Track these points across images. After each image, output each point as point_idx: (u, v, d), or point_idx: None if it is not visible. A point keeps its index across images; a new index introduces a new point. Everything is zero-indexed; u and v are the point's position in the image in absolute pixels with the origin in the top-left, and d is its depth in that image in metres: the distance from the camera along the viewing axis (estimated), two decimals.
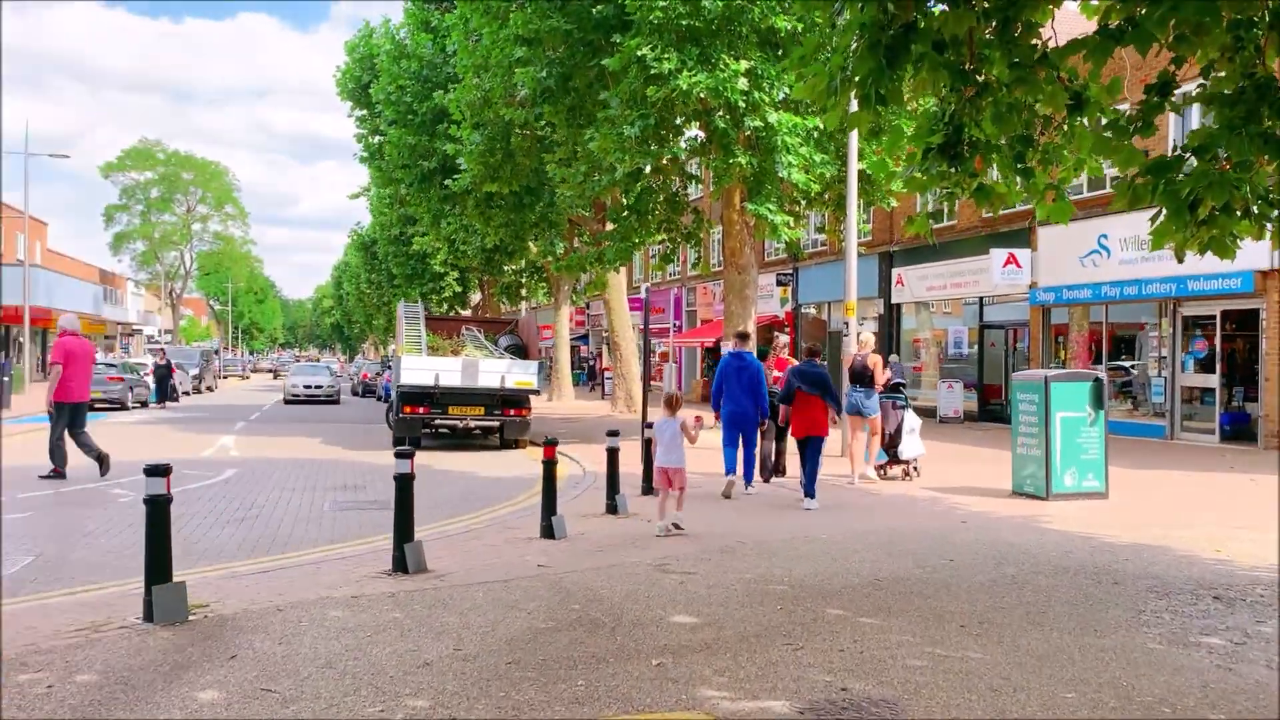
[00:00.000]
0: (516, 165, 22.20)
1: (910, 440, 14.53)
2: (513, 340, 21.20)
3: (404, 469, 7.53)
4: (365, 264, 64.80)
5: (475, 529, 9.73)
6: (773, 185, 19.18)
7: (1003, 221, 26.05)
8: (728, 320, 21.71)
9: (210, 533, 9.78)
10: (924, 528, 10.20)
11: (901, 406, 14.56)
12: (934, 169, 8.48)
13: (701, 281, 43.65)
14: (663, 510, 9.68)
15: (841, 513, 11.25)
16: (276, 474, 14.77)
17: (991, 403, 27.29)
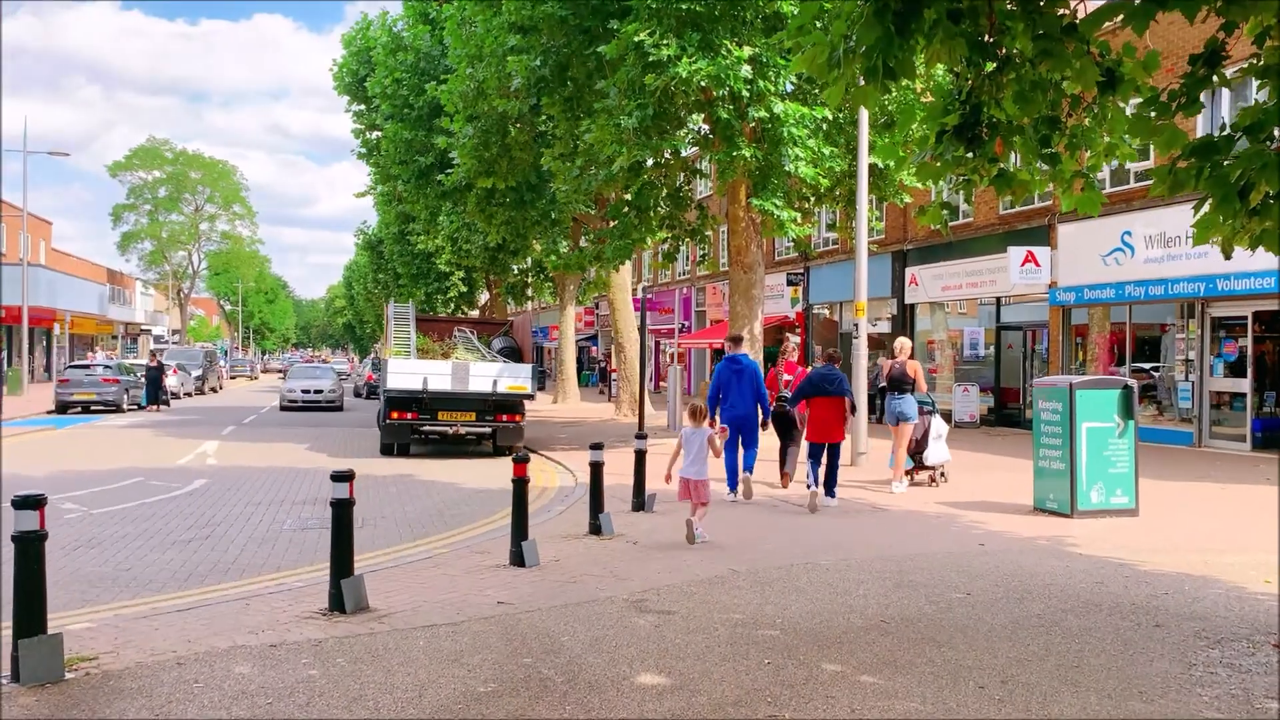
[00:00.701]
0: (513, 160, 21.29)
1: (936, 446, 14.13)
2: (506, 342, 20.29)
3: (341, 494, 6.62)
4: (372, 264, 64.01)
5: (439, 554, 8.82)
6: (779, 180, 18.22)
7: (1020, 219, 25.03)
8: (733, 321, 20.76)
9: (149, 557, 8.90)
10: (938, 551, 9.24)
11: (929, 411, 14.17)
12: (949, 154, 7.54)
13: (710, 281, 42.68)
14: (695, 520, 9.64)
15: (849, 533, 10.29)
16: (248, 485, 13.90)
17: (1008, 407, 26.24)
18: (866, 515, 11.54)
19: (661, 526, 10.44)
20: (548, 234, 29.22)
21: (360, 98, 30.11)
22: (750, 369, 12.75)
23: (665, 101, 17.11)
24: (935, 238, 28.33)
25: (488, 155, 20.75)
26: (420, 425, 17.94)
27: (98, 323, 67.89)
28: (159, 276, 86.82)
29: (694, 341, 40.93)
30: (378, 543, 9.74)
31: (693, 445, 9.62)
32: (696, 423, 9.74)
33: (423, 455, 18.62)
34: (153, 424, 25.80)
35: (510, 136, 20.53)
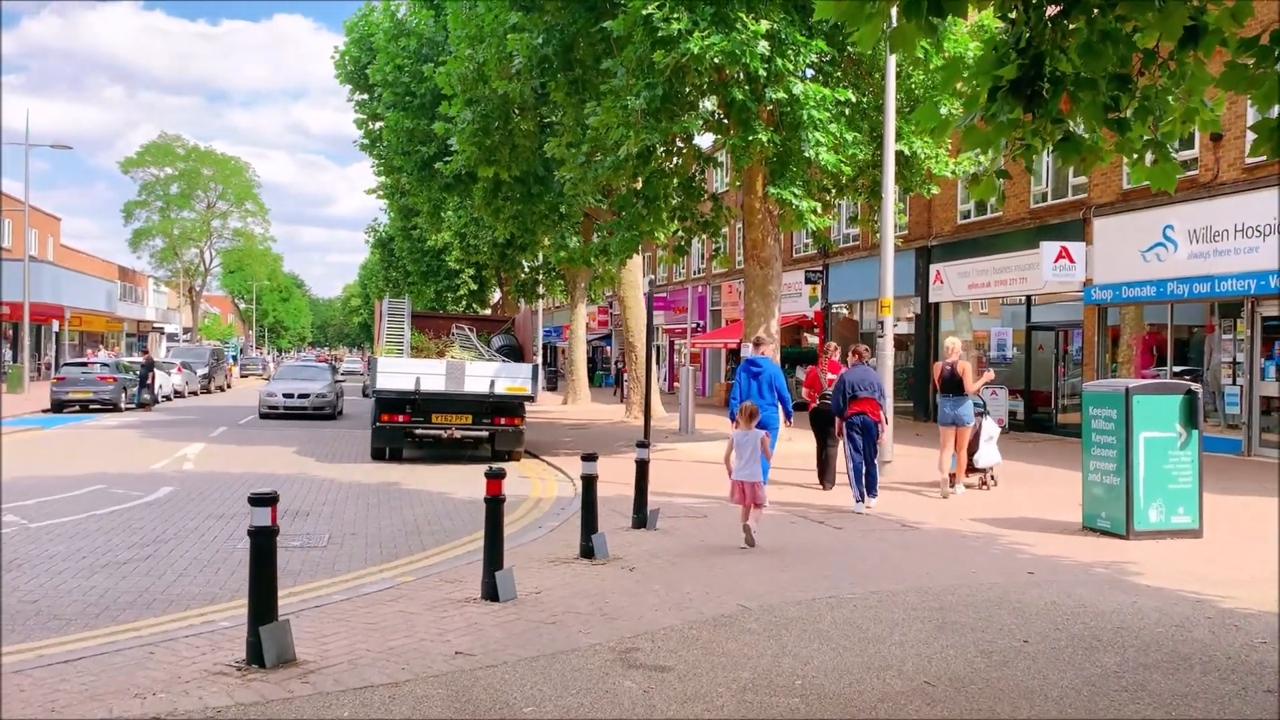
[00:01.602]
0: (516, 148, 20.09)
1: (988, 448, 13.79)
2: (506, 340, 19.09)
3: (262, 520, 5.42)
4: (383, 261, 63.07)
5: (402, 584, 7.61)
6: (798, 167, 16.97)
7: (1053, 213, 23.68)
8: (748, 319, 19.52)
9: (68, 584, 7.73)
10: (981, 582, 7.98)
11: (980, 413, 13.82)
12: (1004, 114, 6.30)
13: (726, 279, 41.41)
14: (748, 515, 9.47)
15: (878, 557, 9.04)
16: (216, 494, 12.75)
17: (1039, 411, 24.89)
18: (896, 534, 10.28)
19: (663, 547, 9.22)
20: (556, 229, 28.04)
21: (362, 86, 29.00)
22: (769, 371, 12.37)
23: (676, 81, 15.88)
24: (962, 233, 27.01)
25: (489, 142, 19.55)
26: (412, 428, 16.78)
27: (108, 320, 67.15)
28: (170, 274, 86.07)
29: (709, 341, 39.68)
30: (338, 567, 8.56)
31: (745, 447, 9.39)
32: (748, 425, 9.49)
33: (416, 460, 17.46)
34: (143, 424, 24.75)
35: (513, 122, 19.33)
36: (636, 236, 17.94)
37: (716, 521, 10.87)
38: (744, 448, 9.40)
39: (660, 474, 14.53)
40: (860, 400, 12.14)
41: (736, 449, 9.46)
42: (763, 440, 9.51)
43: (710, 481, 14.36)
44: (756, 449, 9.39)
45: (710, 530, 10.29)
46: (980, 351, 26.74)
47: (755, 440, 9.41)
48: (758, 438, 9.45)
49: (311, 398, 28.48)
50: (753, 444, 9.39)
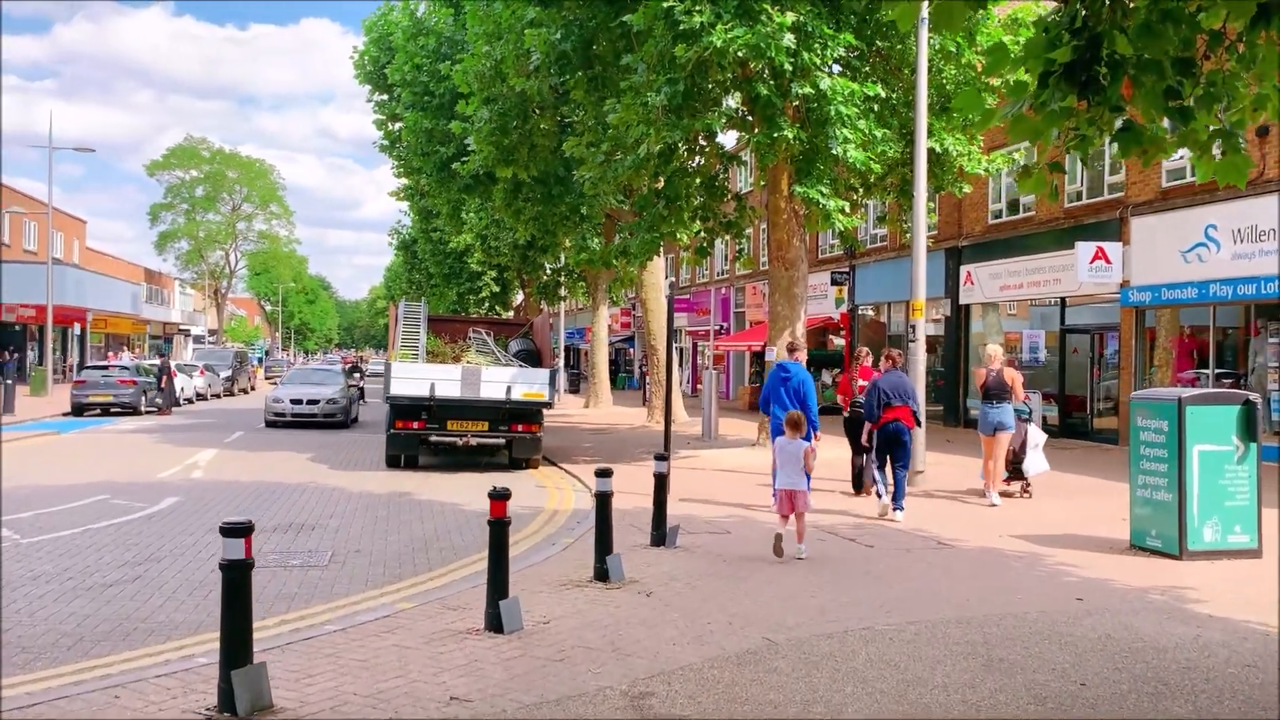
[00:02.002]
0: (534, 148, 19.59)
1: (1034, 455, 13.57)
2: (524, 345, 18.56)
3: (235, 552, 4.89)
4: (406, 264, 62.80)
5: (402, 610, 7.08)
6: (825, 165, 16.37)
7: (1088, 212, 22.93)
8: (773, 322, 18.92)
9: (46, 610, 7.26)
10: (1028, 611, 7.37)
11: (1024, 419, 13.63)
12: (1056, 101, 5.71)
13: (750, 281, 40.78)
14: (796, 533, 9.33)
15: (914, 580, 8.44)
16: (222, 506, 12.30)
17: (1073, 416, 24.12)
18: (932, 554, 9.67)
19: (683, 568, 8.66)
20: (578, 230, 27.55)
21: (382, 87, 28.60)
22: (797, 378, 11.97)
23: (698, 77, 15.33)
24: (993, 233, 26.28)
25: (507, 142, 19.05)
26: (427, 435, 16.29)
27: (134, 322, 67.30)
28: (196, 276, 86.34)
29: (732, 344, 39.06)
30: (337, 589, 8.05)
31: (787, 456, 9.36)
32: (793, 433, 9.44)
33: (432, 468, 16.97)
34: (160, 428, 24.43)
35: (531, 121, 18.81)
36: (658, 237, 17.38)
37: (740, 538, 10.30)
38: (787, 456, 9.36)
39: (681, 483, 13.97)
40: (894, 408, 11.92)
41: (779, 456, 9.44)
42: (806, 453, 9.39)
43: (734, 492, 13.79)
44: (800, 456, 9.33)
45: (733, 548, 9.72)
46: (1012, 354, 25.99)
47: (799, 450, 9.34)
48: (802, 448, 9.38)
49: (321, 404, 26.12)
50: (795, 453, 9.33)
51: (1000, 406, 13.20)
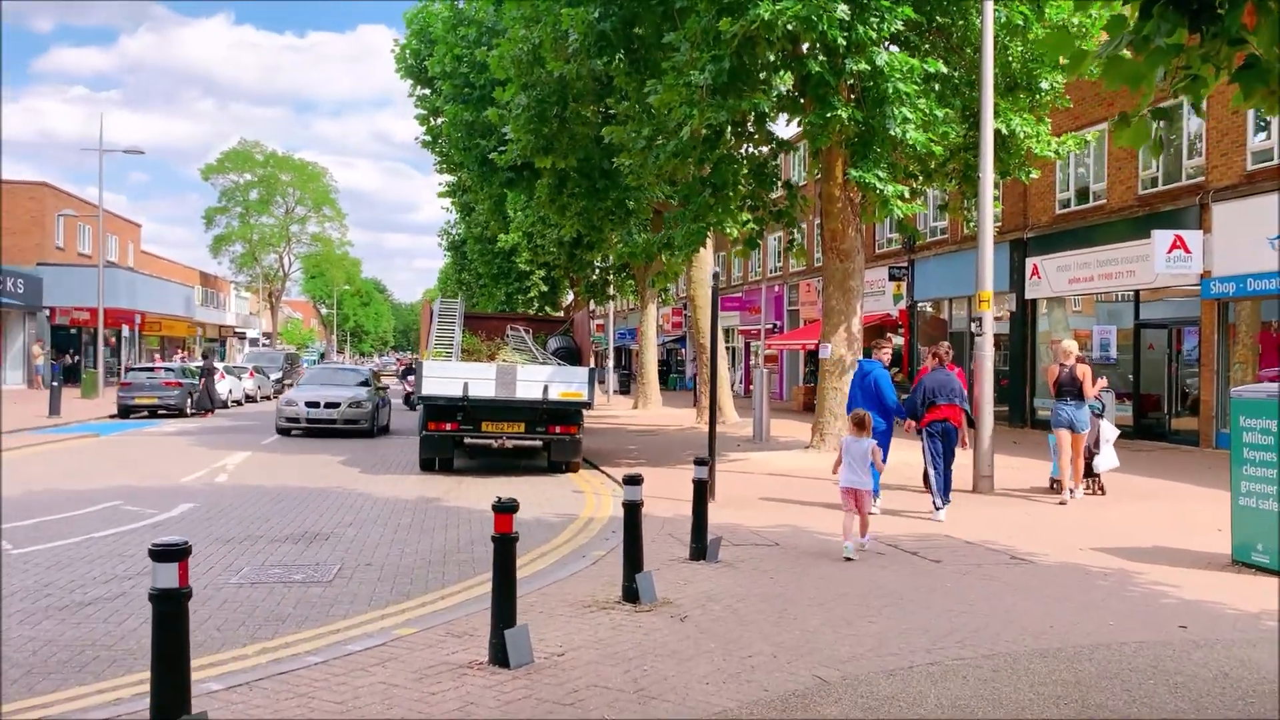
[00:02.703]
0: (574, 136, 18.72)
1: (1106, 451, 13.27)
2: (563, 342, 17.70)
3: (167, 580, 4.04)
4: (455, 265, 62.49)
5: (399, 639, 6.20)
6: (882, 148, 15.28)
7: (1164, 198, 21.53)
8: (827, 317, 17.87)
9: (13, 631, 6.49)
10: (1125, 641, 6.32)
11: (1096, 415, 13.31)
12: (1161, 36, 4.71)
13: (804, 278, 39.59)
14: (848, 531, 9.09)
15: (987, 601, 7.40)
16: (237, 512, 11.58)
17: (1149, 416, 22.71)
18: (1006, 570, 8.61)
19: (724, 588, 7.70)
20: (624, 225, 26.70)
21: (423, 81, 27.99)
22: (873, 376, 12.00)
23: (745, 53, 14.35)
24: (1061, 223, 24.92)
25: (546, 130, 18.21)
26: (461, 437, 15.51)
27: (189, 325, 67.80)
28: (250, 279, 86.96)
29: (785, 343, 37.91)
30: (336, 610, 7.21)
31: (855, 455, 9.22)
32: (859, 432, 9.33)
33: (466, 471, 16.20)
34: (200, 430, 23.97)
35: (570, 108, 17.94)
36: (704, 228, 16.41)
37: (790, 551, 9.31)
38: (853, 454, 9.22)
39: (728, 489, 13.03)
40: (939, 407, 11.64)
41: (845, 455, 9.27)
42: (872, 451, 9.25)
43: (784, 499, 12.79)
44: (866, 455, 9.18)
45: (782, 563, 8.74)
46: (1083, 352, 24.60)
47: (865, 449, 9.19)
48: (868, 446, 9.23)
49: (342, 408, 22.59)
50: (862, 451, 9.18)
51: (1074, 404, 12.93)
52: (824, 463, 16.41)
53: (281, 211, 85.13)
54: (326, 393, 23.31)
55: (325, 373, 26.92)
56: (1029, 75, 17.10)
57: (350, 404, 22.83)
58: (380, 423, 24.18)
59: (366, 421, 22.94)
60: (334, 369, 28.38)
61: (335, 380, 25.07)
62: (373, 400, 23.64)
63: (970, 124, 17.45)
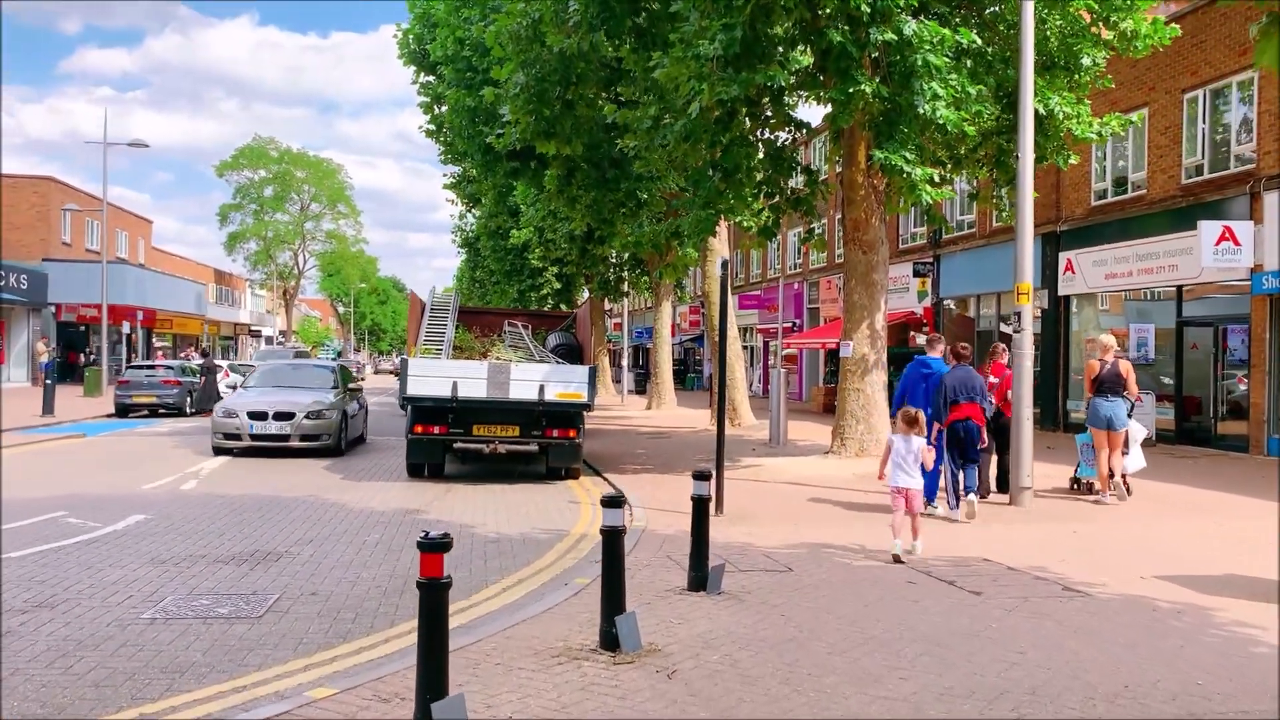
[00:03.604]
0: (578, 119, 17.48)
1: (1135, 452, 12.92)
2: (564, 339, 16.49)
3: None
4: (469, 262, 61.41)
5: (311, 703, 4.98)
6: (910, 128, 13.97)
7: (1209, 188, 20.11)
8: (849, 313, 16.58)
9: None
10: (1222, 712, 5.04)
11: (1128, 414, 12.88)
12: None
13: (824, 274, 38.28)
14: (898, 530, 8.91)
15: (1045, 654, 6.12)
16: (190, 525, 10.42)
17: (1191, 420, 21.28)
18: (1059, 605, 7.31)
19: (725, 629, 6.45)
20: (635, 218, 25.45)
21: (426, 67, 26.84)
22: (939, 373, 11.69)
23: (759, 21, 13.09)
24: (1097, 215, 23.50)
25: (547, 113, 16.97)
26: (451, 441, 14.33)
27: (204, 323, 67.05)
28: (265, 277, 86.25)
29: (805, 341, 36.58)
30: (250, 658, 5.99)
31: (904, 455, 9.04)
32: (909, 431, 9.14)
33: (459, 477, 15.03)
34: (192, 431, 22.83)
35: (572, 89, 16.70)
36: (712, 215, 15.13)
37: (806, 579, 8.04)
38: (903, 455, 9.00)
39: (738, 500, 11.79)
40: (961, 405, 11.32)
41: (894, 456, 9.05)
42: (923, 451, 9.08)
43: (801, 512, 11.52)
44: (917, 455, 9.00)
45: (796, 595, 7.48)
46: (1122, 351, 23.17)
47: (916, 448, 9.01)
48: (919, 445, 9.04)
49: (297, 420, 17.21)
50: (914, 452, 8.99)
51: (1114, 401, 12.63)
52: (845, 470, 15.17)
53: (296, 208, 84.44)
54: (278, 399, 17.87)
55: (279, 371, 20.92)
56: (1069, 52, 15.78)
57: (309, 413, 17.44)
58: (352, 434, 19.24)
59: (331, 435, 17.57)
60: (292, 365, 21.97)
61: (292, 380, 19.62)
62: (339, 407, 18.17)
63: (1004, 104, 16.14)
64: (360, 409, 20.31)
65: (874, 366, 16.41)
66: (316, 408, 17.68)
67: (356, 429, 19.69)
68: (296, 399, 17.92)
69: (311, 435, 17.37)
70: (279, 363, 22.40)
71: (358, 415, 19.85)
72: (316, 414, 17.56)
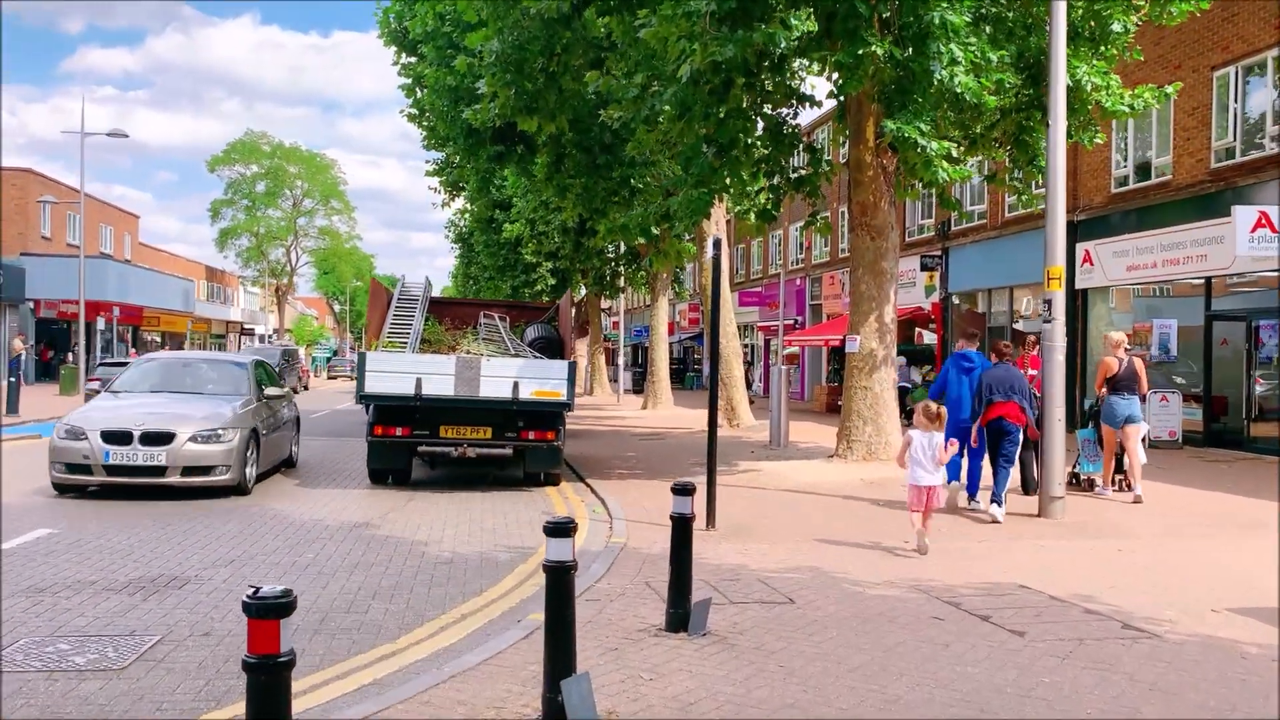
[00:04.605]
0: (563, 93, 16.07)
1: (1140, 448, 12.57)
2: (543, 332, 15.08)
3: None
4: (462, 258, 60.05)
5: None
6: (924, 97, 12.56)
7: (1241, 171, 18.69)
8: (856, 304, 15.18)
9: None
10: None
11: None
12: None
13: (827, 269, 36.89)
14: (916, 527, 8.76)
15: (1117, 700, 4.73)
16: (98, 542, 9.03)
17: (1220, 421, 19.87)
18: (1122, 650, 5.91)
19: (707, 688, 5.05)
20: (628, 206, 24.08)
21: (407, 47, 25.43)
22: (981, 368, 11.46)
23: None
24: (1118, 203, 22.09)
25: (529, 86, 15.56)
26: (416, 444, 12.94)
27: (194, 320, 65.66)
28: (257, 274, 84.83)
29: (807, 339, 35.19)
30: None
31: (926, 451, 8.80)
32: (930, 425, 8.91)
33: (427, 484, 13.66)
34: None
35: (556, 58, 15.30)
36: (706, 195, 13.72)
37: (810, 612, 6.65)
38: (924, 450, 8.78)
39: (733, 511, 10.43)
40: (998, 404, 11.00)
41: (913, 452, 8.83)
42: (944, 446, 8.90)
43: (804, 525, 10.13)
44: (937, 453, 8.82)
45: (798, 636, 6.08)
46: (1144, 348, 21.76)
47: (937, 443, 8.83)
48: (940, 441, 8.86)
49: (177, 444, 11.60)
50: (930, 446, 8.80)
51: (1131, 398, 12.52)
52: (851, 475, 13.79)
53: (289, 204, 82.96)
54: (150, 410, 12.20)
55: (161, 371, 14.29)
56: (1096, 17, 14.39)
57: (199, 435, 11.71)
58: (275, 457, 13.91)
59: (229, 467, 11.84)
60: (182, 363, 14.97)
61: (180, 384, 13.71)
62: (245, 425, 12.36)
63: (1026, 75, 14.76)
64: (287, 422, 14.75)
65: (883, 363, 15.01)
66: (209, 426, 11.86)
67: (281, 450, 14.32)
68: (182, 410, 12.27)
69: (199, 467, 11.66)
70: (159, 362, 14.94)
71: (281, 431, 14.22)
72: (209, 435, 11.78)
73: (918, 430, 8.92)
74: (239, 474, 12.03)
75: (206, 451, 11.75)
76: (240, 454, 12.05)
